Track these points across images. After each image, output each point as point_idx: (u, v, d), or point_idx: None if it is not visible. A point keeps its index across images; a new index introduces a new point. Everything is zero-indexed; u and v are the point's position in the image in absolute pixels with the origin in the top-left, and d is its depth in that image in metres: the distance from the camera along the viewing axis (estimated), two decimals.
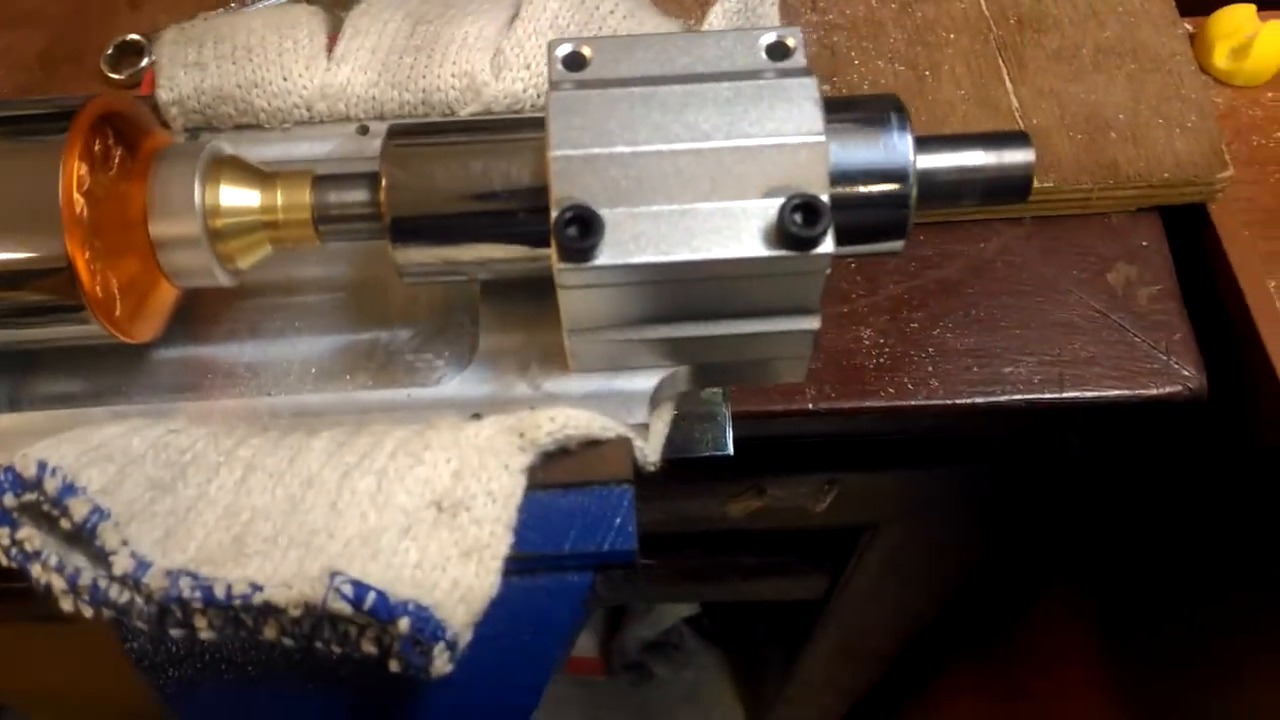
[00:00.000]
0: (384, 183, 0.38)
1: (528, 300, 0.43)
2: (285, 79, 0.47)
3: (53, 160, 0.37)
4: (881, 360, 0.58)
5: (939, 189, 0.39)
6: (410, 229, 0.38)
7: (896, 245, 0.39)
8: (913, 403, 0.58)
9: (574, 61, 0.39)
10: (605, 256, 0.36)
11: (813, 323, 0.39)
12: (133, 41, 0.56)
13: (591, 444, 0.39)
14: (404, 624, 0.33)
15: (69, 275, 0.37)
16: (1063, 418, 0.59)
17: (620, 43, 0.39)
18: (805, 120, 0.36)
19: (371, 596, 0.33)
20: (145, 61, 0.55)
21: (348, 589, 0.33)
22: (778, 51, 0.39)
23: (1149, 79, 0.61)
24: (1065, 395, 0.57)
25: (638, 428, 0.41)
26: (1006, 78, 0.62)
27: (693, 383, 0.43)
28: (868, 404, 0.57)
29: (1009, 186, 0.39)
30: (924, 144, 0.38)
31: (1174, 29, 0.63)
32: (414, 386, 0.43)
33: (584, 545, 0.38)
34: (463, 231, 0.38)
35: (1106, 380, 0.57)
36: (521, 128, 0.39)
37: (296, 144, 0.47)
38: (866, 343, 0.58)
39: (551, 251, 0.36)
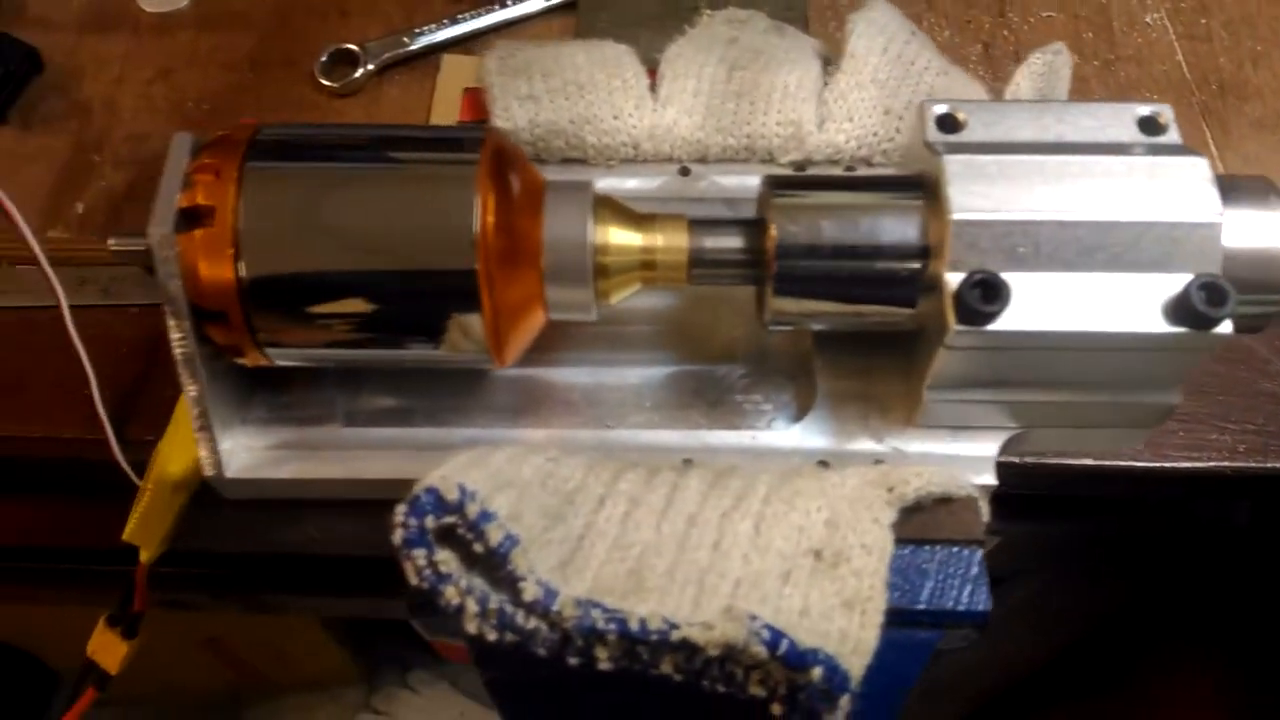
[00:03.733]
0: (772, 232, 0.39)
1: (860, 352, 0.44)
2: (616, 117, 0.48)
3: (468, 185, 0.38)
4: None
5: None
6: (794, 279, 0.39)
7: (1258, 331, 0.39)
8: (1119, 464, 0.58)
9: (947, 123, 0.40)
10: (1003, 322, 0.36)
11: (1174, 398, 0.39)
12: (347, 50, 0.56)
13: (942, 501, 0.40)
14: (816, 673, 0.33)
15: (474, 298, 0.38)
16: (1262, 486, 0.59)
17: (992, 108, 0.40)
18: (1204, 200, 0.37)
19: (785, 643, 0.33)
20: (359, 72, 0.55)
21: (765, 633, 0.33)
22: (1150, 126, 0.39)
23: None
24: (1268, 465, 0.57)
25: (982, 489, 0.41)
26: (1211, 142, 0.62)
27: (1028, 445, 0.43)
28: (1071, 463, 0.58)
29: None
30: None
31: None
32: (744, 429, 0.43)
33: (938, 602, 0.39)
34: (841, 284, 0.39)
35: None
36: (893, 187, 0.40)
37: (622, 180, 0.48)
38: None
39: (947, 312, 0.36)
